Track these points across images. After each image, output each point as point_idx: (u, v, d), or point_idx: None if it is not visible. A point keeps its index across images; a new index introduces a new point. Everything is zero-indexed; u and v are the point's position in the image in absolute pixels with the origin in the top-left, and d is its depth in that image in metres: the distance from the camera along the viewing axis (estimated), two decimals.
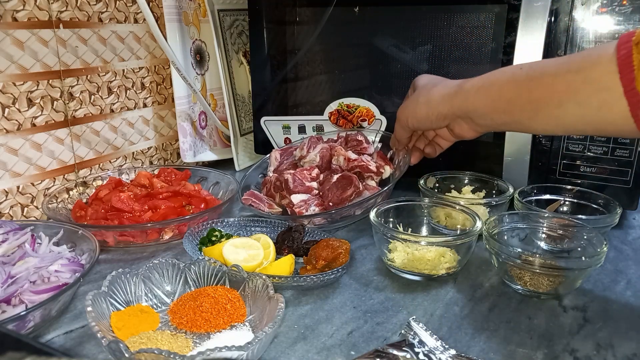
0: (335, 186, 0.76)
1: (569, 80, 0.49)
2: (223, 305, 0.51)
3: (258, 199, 0.77)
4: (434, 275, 0.60)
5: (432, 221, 0.73)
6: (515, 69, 0.56)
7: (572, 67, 0.49)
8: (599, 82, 0.46)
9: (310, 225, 0.72)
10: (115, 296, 0.51)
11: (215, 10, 0.99)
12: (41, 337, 0.50)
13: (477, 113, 0.59)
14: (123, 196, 0.71)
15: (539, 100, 0.52)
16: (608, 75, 0.45)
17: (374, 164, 0.81)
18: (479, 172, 0.80)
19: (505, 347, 0.49)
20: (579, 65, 0.49)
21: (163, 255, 0.67)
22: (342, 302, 0.56)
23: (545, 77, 0.52)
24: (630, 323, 0.53)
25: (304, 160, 0.83)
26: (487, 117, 0.59)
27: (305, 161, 0.83)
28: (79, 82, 0.81)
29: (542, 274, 0.56)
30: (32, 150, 0.75)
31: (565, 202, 0.74)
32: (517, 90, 0.54)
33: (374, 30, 0.86)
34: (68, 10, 0.77)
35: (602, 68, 0.46)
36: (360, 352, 0.46)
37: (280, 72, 0.95)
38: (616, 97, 0.44)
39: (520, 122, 0.56)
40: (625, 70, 0.43)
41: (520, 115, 0.55)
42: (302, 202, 0.74)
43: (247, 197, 0.77)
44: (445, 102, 0.63)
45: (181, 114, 0.95)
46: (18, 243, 0.58)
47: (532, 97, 0.53)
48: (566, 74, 0.49)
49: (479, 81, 0.59)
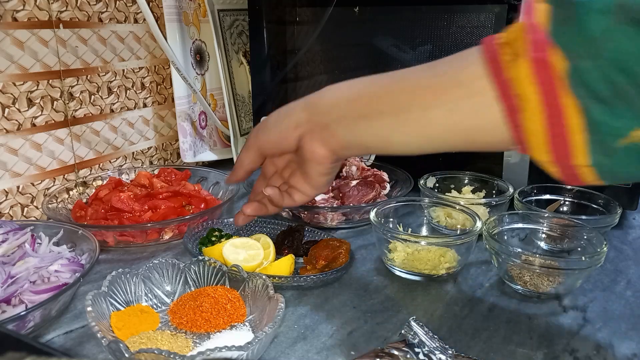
0: (355, 189, 0.77)
1: (435, 84, 0.44)
2: (223, 305, 0.51)
3: None
4: (434, 275, 0.60)
5: (432, 221, 0.73)
6: (379, 74, 0.49)
7: (437, 70, 0.45)
8: (468, 86, 0.42)
9: (331, 224, 0.74)
10: (115, 296, 0.51)
11: (215, 10, 0.99)
12: (41, 337, 0.50)
13: (332, 116, 0.49)
14: (123, 196, 0.71)
15: (400, 105, 0.45)
16: (477, 78, 0.41)
17: (387, 175, 0.83)
18: (479, 172, 0.80)
19: (505, 347, 0.49)
20: (443, 69, 0.44)
21: (163, 255, 0.67)
22: (342, 302, 0.56)
23: (407, 80, 0.46)
24: (630, 323, 0.53)
25: None
26: (344, 123, 0.49)
27: None
28: (79, 82, 0.81)
29: (542, 274, 0.56)
30: (32, 150, 0.75)
31: (565, 202, 0.74)
32: (378, 92, 0.47)
33: (374, 30, 0.86)
34: (68, 10, 0.77)
35: (470, 71, 0.41)
36: (360, 352, 0.46)
37: (280, 72, 0.95)
38: (487, 101, 0.40)
39: (380, 132, 0.47)
40: (496, 72, 0.40)
41: (380, 123, 0.47)
42: (323, 200, 0.75)
43: None
44: (299, 106, 0.53)
45: (181, 114, 0.95)
46: (18, 243, 0.58)
47: (392, 101, 0.46)
48: (431, 77, 0.44)
49: (339, 84, 0.51)
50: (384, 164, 0.87)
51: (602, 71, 0.35)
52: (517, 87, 0.38)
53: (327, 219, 0.74)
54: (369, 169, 0.84)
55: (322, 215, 0.74)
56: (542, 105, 0.37)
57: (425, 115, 0.44)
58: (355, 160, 0.85)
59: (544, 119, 0.38)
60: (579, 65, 0.35)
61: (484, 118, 0.42)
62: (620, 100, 0.35)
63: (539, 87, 0.37)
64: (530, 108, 0.38)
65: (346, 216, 0.75)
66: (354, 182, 0.78)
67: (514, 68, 0.38)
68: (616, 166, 0.38)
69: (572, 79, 0.36)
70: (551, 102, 0.37)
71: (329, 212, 0.73)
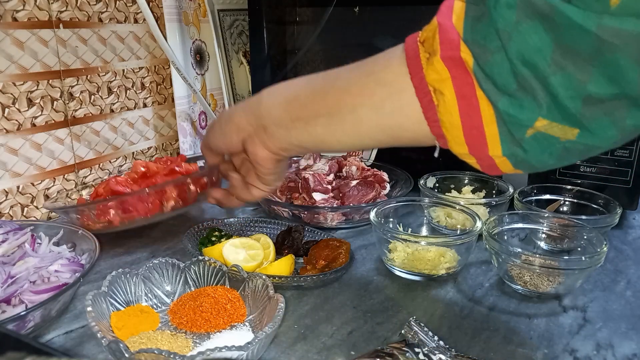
0: (355, 189, 0.78)
1: (362, 84, 0.46)
2: (223, 305, 0.51)
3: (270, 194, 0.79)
4: (434, 275, 0.60)
5: (432, 221, 0.73)
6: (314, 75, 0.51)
7: (365, 70, 0.46)
8: (391, 85, 0.43)
9: (331, 224, 0.74)
10: (115, 296, 0.51)
11: (215, 10, 0.99)
12: (41, 337, 0.50)
13: (270, 118, 0.51)
14: (120, 179, 0.70)
15: (332, 106, 0.47)
16: (399, 77, 0.42)
17: (387, 175, 0.83)
18: (479, 172, 0.80)
19: (505, 347, 0.49)
20: (371, 69, 0.46)
21: (163, 255, 0.67)
22: (342, 302, 0.56)
23: (339, 80, 0.48)
24: (630, 323, 0.53)
25: (310, 169, 0.83)
26: (281, 125, 0.51)
27: (313, 170, 0.83)
28: (79, 82, 0.81)
29: (542, 274, 0.56)
30: (32, 150, 0.75)
31: (565, 202, 0.74)
32: (312, 94, 0.49)
33: (374, 30, 0.86)
34: (68, 10, 0.77)
35: (393, 69, 0.43)
36: (360, 352, 0.46)
37: (280, 72, 0.95)
38: (408, 99, 0.42)
39: (315, 133, 0.49)
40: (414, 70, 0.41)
41: (315, 124, 0.49)
42: (323, 200, 0.75)
43: None
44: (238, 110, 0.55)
45: (181, 114, 0.95)
46: (18, 243, 0.58)
47: (326, 101, 0.48)
48: (359, 77, 0.46)
49: (277, 86, 0.53)
50: (384, 164, 0.87)
51: (508, 64, 0.36)
52: (433, 84, 0.40)
53: (327, 219, 0.74)
54: (369, 169, 0.84)
55: (322, 215, 0.74)
56: (456, 100, 0.39)
57: (355, 116, 0.46)
58: (355, 160, 0.85)
59: (459, 112, 0.40)
60: (487, 60, 0.37)
61: (407, 115, 0.43)
62: (524, 92, 0.37)
63: (453, 81, 0.39)
64: (446, 103, 0.40)
65: (346, 216, 0.75)
66: (354, 182, 0.79)
67: (430, 66, 0.40)
68: (528, 155, 0.40)
69: (481, 74, 0.38)
70: (464, 95, 0.39)
71: (329, 212, 0.73)
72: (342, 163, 0.85)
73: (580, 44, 0.33)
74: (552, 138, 0.38)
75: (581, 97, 0.35)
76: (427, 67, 0.40)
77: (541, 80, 0.36)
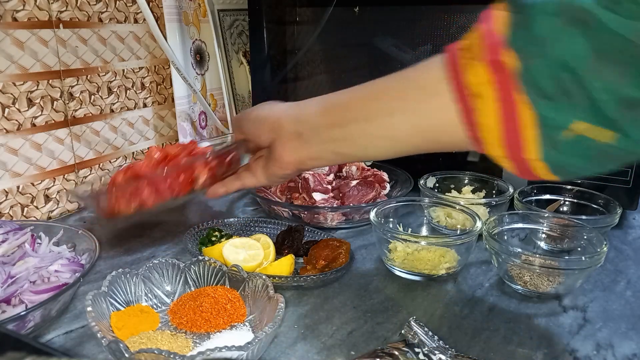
0: (355, 189, 0.78)
1: (401, 89, 0.47)
2: (223, 305, 0.51)
3: (270, 194, 0.79)
4: (434, 275, 0.60)
5: (432, 221, 0.73)
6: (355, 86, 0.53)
7: (403, 76, 0.48)
8: (429, 89, 0.45)
9: (331, 224, 0.74)
10: (115, 296, 0.51)
11: (215, 10, 1.00)
12: (41, 337, 0.50)
13: (308, 124, 0.53)
14: (142, 163, 0.68)
15: (369, 110, 0.49)
16: (437, 81, 0.44)
17: (387, 175, 0.83)
18: (479, 172, 0.80)
19: (505, 347, 0.49)
20: (409, 75, 0.48)
21: (163, 255, 0.67)
22: (342, 302, 0.56)
23: (377, 87, 0.50)
24: (630, 323, 0.53)
25: None
26: (318, 131, 0.52)
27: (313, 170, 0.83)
28: (79, 82, 0.81)
29: (542, 274, 0.56)
30: (32, 150, 0.75)
31: (565, 202, 0.74)
32: (350, 100, 0.51)
33: (374, 30, 0.86)
34: (68, 10, 0.77)
35: (432, 74, 0.45)
36: (360, 352, 0.46)
37: (280, 72, 0.95)
38: (446, 102, 0.43)
39: (352, 138, 0.51)
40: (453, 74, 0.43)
41: (352, 129, 0.50)
42: (323, 200, 0.75)
43: (261, 189, 0.79)
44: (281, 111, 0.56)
45: (181, 114, 0.95)
46: (18, 243, 0.58)
47: (363, 106, 0.50)
48: (397, 83, 0.48)
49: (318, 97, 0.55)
50: (384, 164, 0.87)
51: (549, 69, 0.38)
52: (473, 87, 0.41)
53: (327, 219, 0.74)
54: (369, 169, 0.84)
55: (322, 215, 0.74)
56: (497, 102, 0.40)
57: (392, 119, 0.48)
58: None
59: (498, 115, 0.41)
60: (529, 64, 0.38)
61: (443, 119, 0.45)
62: (562, 95, 0.38)
63: (494, 85, 0.40)
64: (485, 106, 0.41)
65: (346, 216, 0.75)
66: (354, 182, 0.79)
67: (471, 70, 0.41)
68: (563, 159, 0.41)
69: (523, 78, 0.39)
70: (505, 99, 0.40)
71: (329, 212, 0.73)
72: (340, 165, 0.85)
73: (618, 50, 0.35)
74: (590, 141, 0.39)
75: (619, 101, 0.36)
76: (468, 72, 0.41)
77: (580, 84, 0.37)
